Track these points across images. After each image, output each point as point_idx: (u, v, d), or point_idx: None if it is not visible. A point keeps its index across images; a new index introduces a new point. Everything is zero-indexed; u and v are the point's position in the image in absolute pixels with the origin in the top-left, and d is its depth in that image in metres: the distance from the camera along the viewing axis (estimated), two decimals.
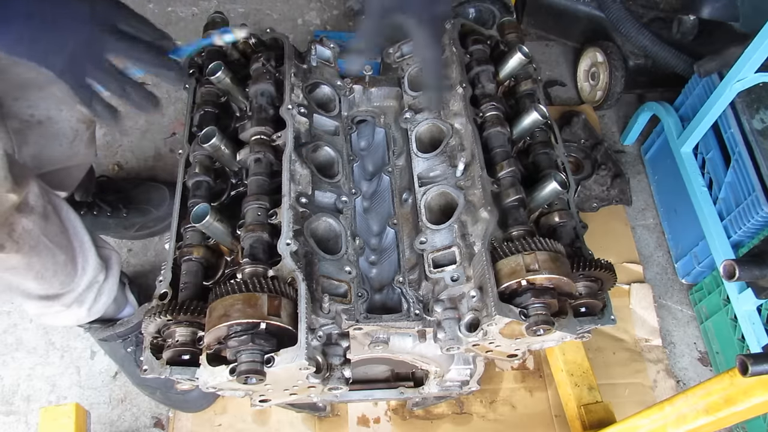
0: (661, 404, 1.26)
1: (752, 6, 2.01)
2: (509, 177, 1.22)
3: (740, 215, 1.78)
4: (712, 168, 1.94)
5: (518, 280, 1.03)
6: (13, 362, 1.87)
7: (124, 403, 1.82)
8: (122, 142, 2.30)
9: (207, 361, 1.01)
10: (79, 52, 0.91)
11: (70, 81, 0.94)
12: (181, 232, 1.24)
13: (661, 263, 2.18)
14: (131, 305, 1.73)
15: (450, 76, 1.37)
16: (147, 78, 1.04)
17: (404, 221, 1.34)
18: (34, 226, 1.21)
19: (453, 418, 1.81)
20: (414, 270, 1.27)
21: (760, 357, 0.93)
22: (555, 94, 2.57)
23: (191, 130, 1.37)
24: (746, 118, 1.82)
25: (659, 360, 1.97)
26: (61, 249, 1.32)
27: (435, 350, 1.32)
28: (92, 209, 1.91)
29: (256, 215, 1.15)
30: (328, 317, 1.10)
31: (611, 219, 2.21)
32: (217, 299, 1.00)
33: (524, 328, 1.02)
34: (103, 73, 0.94)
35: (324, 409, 1.72)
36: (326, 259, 1.18)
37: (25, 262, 1.22)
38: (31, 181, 1.19)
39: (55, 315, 1.47)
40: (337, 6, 2.73)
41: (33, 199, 1.20)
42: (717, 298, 1.90)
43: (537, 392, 1.87)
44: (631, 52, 2.23)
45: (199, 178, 1.27)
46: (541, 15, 2.51)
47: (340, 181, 1.32)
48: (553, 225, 1.25)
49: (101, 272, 1.48)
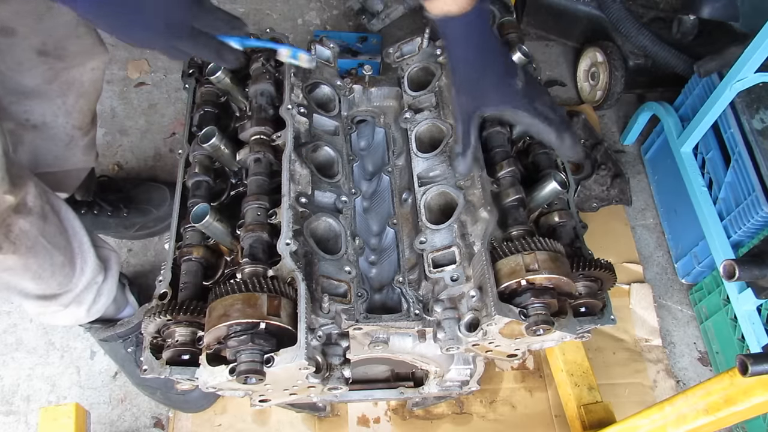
0: (661, 404, 1.26)
1: (752, 6, 2.01)
2: (509, 177, 1.22)
3: (740, 215, 1.78)
4: (712, 168, 1.93)
5: (518, 280, 1.03)
6: (13, 362, 1.87)
7: (124, 403, 1.82)
8: (122, 142, 2.30)
9: (207, 361, 1.01)
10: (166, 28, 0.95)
11: (161, 50, 0.99)
12: (180, 232, 1.24)
13: (661, 263, 2.18)
14: (131, 305, 1.74)
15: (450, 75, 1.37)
16: (147, 78, 1.04)
17: (404, 221, 1.34)
18: (32, 227, 1.21)
19: (453, 418, 1.81)
20: (414, 270, 1.27)
21: (760, 357, 0.93)
22: (555, 94, 2.57)
23: (191, 130, 1.37)
24: (746, 118, 1.82)
25: (659, 360, 1.97)
26: (59, 250, 1.32)
27: (435, 350, 1.32)
28: (92, 209, 1.91)
29: (255, 215, 1.15)
30: (327, 317, 1.10)
31: (611, 219, 2.21)
32: (217, 299, 1.00)
33: (524, 327, 1.02)
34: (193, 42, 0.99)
35: (324, 409, 1.72)
36: (326, 259, 1.18)
37: (21, 263, 1.22)
38: (29, 182, 1.19)
39: (54, 314, 1.47)
40: (337, 6, 2.73)
41: (31, 201, 1.20)
42: (717, 298, 1.90)
43: (537, 392, 1.87)
44: (631, 52, 2.22)
45: (199, 178, 1.27)
46: (541, 15, 2.51)
47: (339, 181, 1.32)
48: (553, 225, 1.25)
49: (100, 273, 1.48)
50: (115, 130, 2.32)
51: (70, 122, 1.50)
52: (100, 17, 0.93)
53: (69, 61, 1.39)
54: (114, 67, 2.45)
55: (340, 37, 2.51)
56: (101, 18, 0.93)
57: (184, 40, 0.98)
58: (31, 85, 1.37)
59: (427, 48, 1.46)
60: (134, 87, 2.42)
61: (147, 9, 0.92)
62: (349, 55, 2.41)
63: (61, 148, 1.53)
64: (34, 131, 1.45)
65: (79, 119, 1.52)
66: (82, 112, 1.52)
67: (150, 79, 2.44)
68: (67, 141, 1.53)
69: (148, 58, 2.48)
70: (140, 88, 2.42)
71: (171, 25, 0.95)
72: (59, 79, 1.40)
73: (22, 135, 1.45)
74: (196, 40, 0.99)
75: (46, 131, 1.47)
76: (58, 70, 1.39)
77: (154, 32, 0.95)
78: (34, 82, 1.37)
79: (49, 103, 1.44)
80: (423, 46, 1.48)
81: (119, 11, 0.91)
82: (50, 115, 1.46)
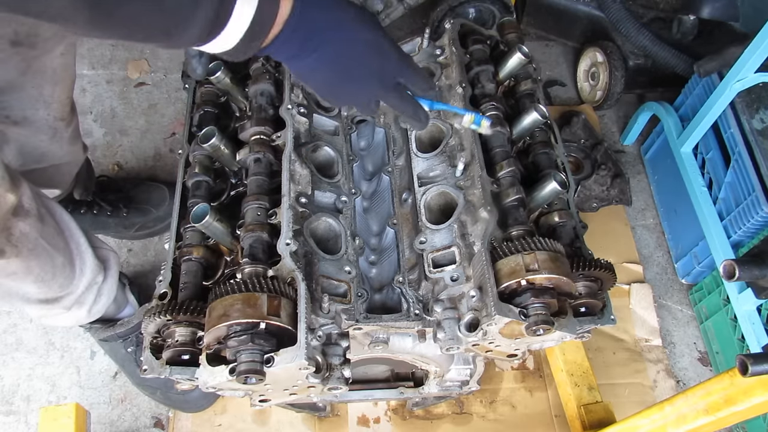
0: (661, 404, 1.26)
1: (752, 6, 2.01)
2: (509, 177, 1.22)
3: (740, 215, 1.78)
4: (712, 168, 1.93)
5: (518, 280, 1.03)
6: (13, 362, 1.87)
7: (124, 403, 1.82)
8: (122, 142, 2.30)
9: (207, 361, 1.01)
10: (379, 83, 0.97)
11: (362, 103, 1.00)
12: (180, 232, 1.24)
13: (661, 263, 2.18)
14: (131, 305, 1.73)
15: (450, 75, 1.37)
16: (147, 78, 1.04)
17: (404, 221, 1.34)
18: (31, 230, 1.21)
19: (453, 418, 1.81)
20: (414, 270, 1.27)
21: (760, 357, 0.93)
22: (555, 94, 2.57)
23: (191, 130, 1.37)
24: (746, 118, 1.82)
25: (659, 360, 1.97)
26: (59, 251, 1.31)
27: (435, 350, 1.32)
28: (92, 208, 1.91)
29: (255, 215, 1.15)
30: (327, 317, 1.10)
31: (611, 219, 2.21)
32: (217, 299, 1.00)
33: (524, 327, 1.02)
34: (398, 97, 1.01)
35: (324, 409, 1.72)
36: (326, 259, 1.18)
37: (24, 266, 1.22)
38: (23, 183, 1.19)
39: (56, 317, 1.47)
40: None
41: (27, 202, 1.20)
42: (717, 298, 1.90)
43: (537, 392, 1.87)
44: (631, 52, 2.22)
45: (199, 178, 1.27)
46: (541, 15, 2.51)
47: (339, 181, 1.32)
48: (553, 225, 1.25)
49: (100, 273, 1.48)
50: (115, 130, 2.32)
51: (51, 114, 1.48)
52: (312, 78, 0.95)
53: (41, 48, 1.34)
54: (114, 67, 2.45)
55: None
56: (313, 76, 0.94)
57: (390, 94, 0.99)
58: (6, 79, 1.33)
59: (427, 48, 1.47)
60: (134, 87, 2.42)
61: (363, 64, 0.93)
62: None
63: (46, 143, 1.51)
64: (16, 127, 1.43)
65: (58, 109, 1.49)
66: (61, 102, 1.49)
67: (150, 79, 2.44)
68: (51, 134, 1.51)
69: (148, 58, 2.48)
70: (140, 88, 2.42)
71: (383, 79, 0.96)
72: (32, 69, 1.37)
73: (5, 133, 1.42)
74: (401, 96, 1.01)
75: (29, 126, 1.45)
76: (30, 60, 1.34)
77: (364, 87, 0.96)
78: (9, 75, 1.34)
79: (26, 96, 1.41)
80: (423, 46, 1.48)
81: (334, 68, 0.93)
82: (30, 108, 1.43)
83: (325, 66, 0.92)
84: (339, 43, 0.91)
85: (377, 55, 0.95)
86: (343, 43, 0.92)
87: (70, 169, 1.71)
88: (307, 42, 0.89)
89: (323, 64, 0.92)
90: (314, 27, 0.89)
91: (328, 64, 0.92)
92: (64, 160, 1.64)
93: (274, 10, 0.83)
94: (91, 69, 2.45)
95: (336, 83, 0.96)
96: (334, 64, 0.93)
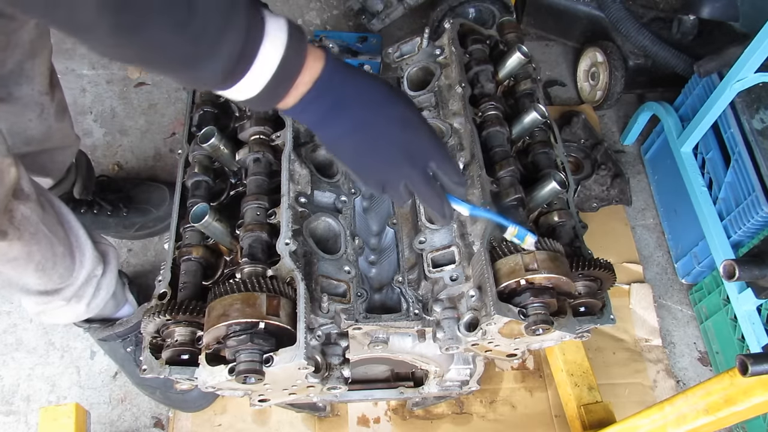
0: (661, 404, 1.26)
1: (752, 6, 2.01)
2: (508, 176, 1.22)
3: (740, 215, 1.77)
4: (712, 168, 1.93)
5: (517, 280, 1.03)
6: (13, 362, 1.87)
7: (124, 403, 1.82)
8: (122, 142, 2.30)
9: (206, 360, 1.01)
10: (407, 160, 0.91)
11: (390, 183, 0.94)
12: (180, 231, 1.24)
13: (661, 263, 2.18)
14: (130, 305, 1.74)
15: (449, 75, 1.37)
16: (147, 78, 1.04)
17: (403, 221, 1.34)
18: (33, 213, 1.21)
19: (453, 418, 1.81)
20: (413, 270, 1.27)
21: (760, 357, 0.93)
22: (555, 94, 2.57)
23: (191, 129, 1.37)
24: (746, 118, 1.82)
25: (659, 360, 1.97)
26: (59, 240, 1.32)
27: (435, 350, 1.32)
28: (92, 208, 1.92)
29: (255, 215, 1.16)
30: (327, 317, 1.10)
31: (611, 219, 2.21)
32: (216, 299, 1.00)
33: (523, 327, 1.02)
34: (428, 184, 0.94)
35: (324, 409, 1.72)
36: (325, 259, 1.18)
37: (26, 252, 1.22)
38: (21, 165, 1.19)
39: (55, 311, 1.47)
40: (337, 6, 2.73)
41: (26, 186, 1.20)
42: (717, 298, 1.90)
43: (537, 392, 1.87)
44: (631, 52, 2.22)
45: (199, 178, 1.27)
46: (541, 15, 2.51)
47: (339, 180, 1.32)
48: (553, 224, 1.25)
49: (99, 265, 1.48)
50: (115, 130, 2.32)
51: (35, 88, 1.46)
52: (338, 147, 0.91)
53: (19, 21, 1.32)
54: (114, 67, 2.45)
55: (340, 37, 2.51)
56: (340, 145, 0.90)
57: (419, 178, 0.92)
58: None
59: (426, 48, 1.46)
60: (134, 87, 2.42)
61: (391, 135, 0.89)
62: (349, 55, 2.41)
63: (35, 122, 1.50)
64: (3, 105, 1.42)
65: (41, 82, 1.48)
66: (42, 74, 1.47)
67: (150, 79, 2.44)
68: (38, 111, 1.50)
69: None
70: (140, 88, 2.42)
71: (412, 158, 0.90)
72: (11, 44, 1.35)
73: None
74: (430, 185, 0.94)
75: (15, 103, 1.44)
76: (9, 33, 1.32)
77: (392, 162, 0.90)
78: None
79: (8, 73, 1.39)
80: (422, 46, 1.48)
81: (362, 138, 0.88)
82: (13, 84, 1.42)
83: (352, 134, 0.88)
84: (368, 111, 0.88)
85: (407, 129, 0.90)
86: (373, 112, 0.88)
87: (64, 158, 1.70)
88: (335, 106, 0.85)
89: (350, 131, 0.88)
90: (344, 92, 0.86)
91: (354, 133, 0.88)
92: (55, 144, 1.62)
93: (302, 54, 0.80)
94: (91, 69, 2.45)
95: (362, 154, 0.91)
96: (361, 133, 0.88)
